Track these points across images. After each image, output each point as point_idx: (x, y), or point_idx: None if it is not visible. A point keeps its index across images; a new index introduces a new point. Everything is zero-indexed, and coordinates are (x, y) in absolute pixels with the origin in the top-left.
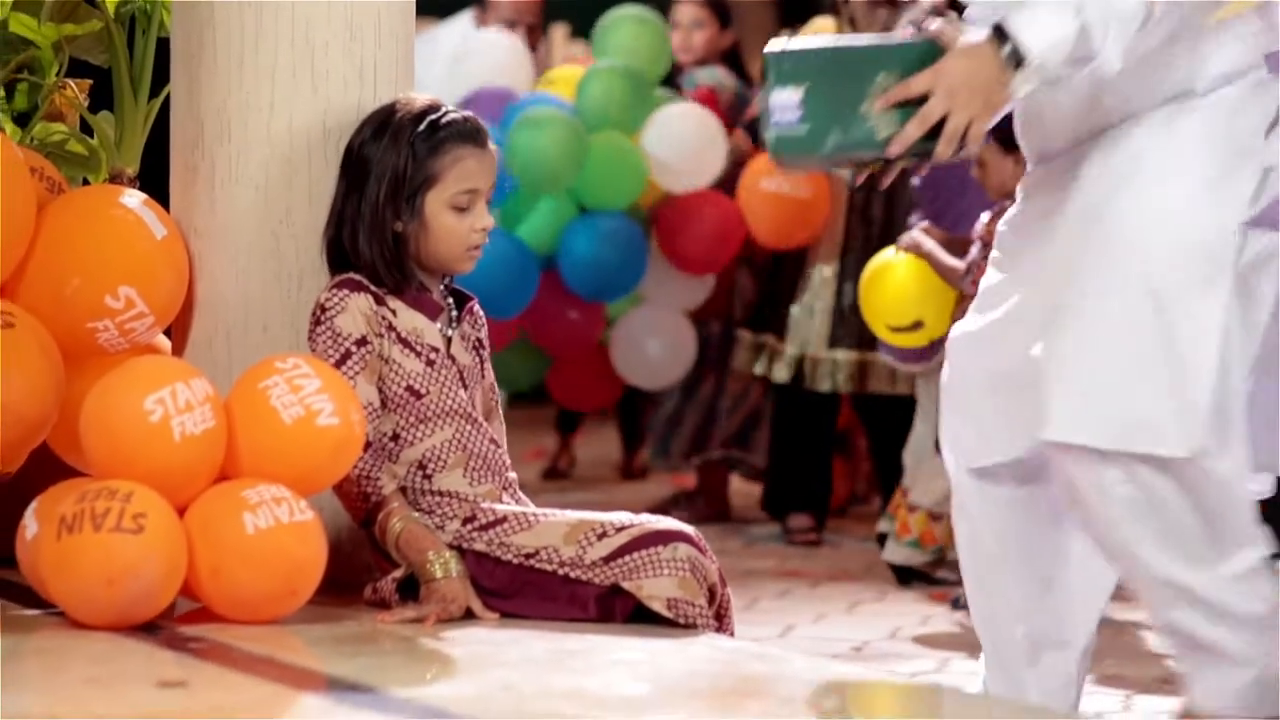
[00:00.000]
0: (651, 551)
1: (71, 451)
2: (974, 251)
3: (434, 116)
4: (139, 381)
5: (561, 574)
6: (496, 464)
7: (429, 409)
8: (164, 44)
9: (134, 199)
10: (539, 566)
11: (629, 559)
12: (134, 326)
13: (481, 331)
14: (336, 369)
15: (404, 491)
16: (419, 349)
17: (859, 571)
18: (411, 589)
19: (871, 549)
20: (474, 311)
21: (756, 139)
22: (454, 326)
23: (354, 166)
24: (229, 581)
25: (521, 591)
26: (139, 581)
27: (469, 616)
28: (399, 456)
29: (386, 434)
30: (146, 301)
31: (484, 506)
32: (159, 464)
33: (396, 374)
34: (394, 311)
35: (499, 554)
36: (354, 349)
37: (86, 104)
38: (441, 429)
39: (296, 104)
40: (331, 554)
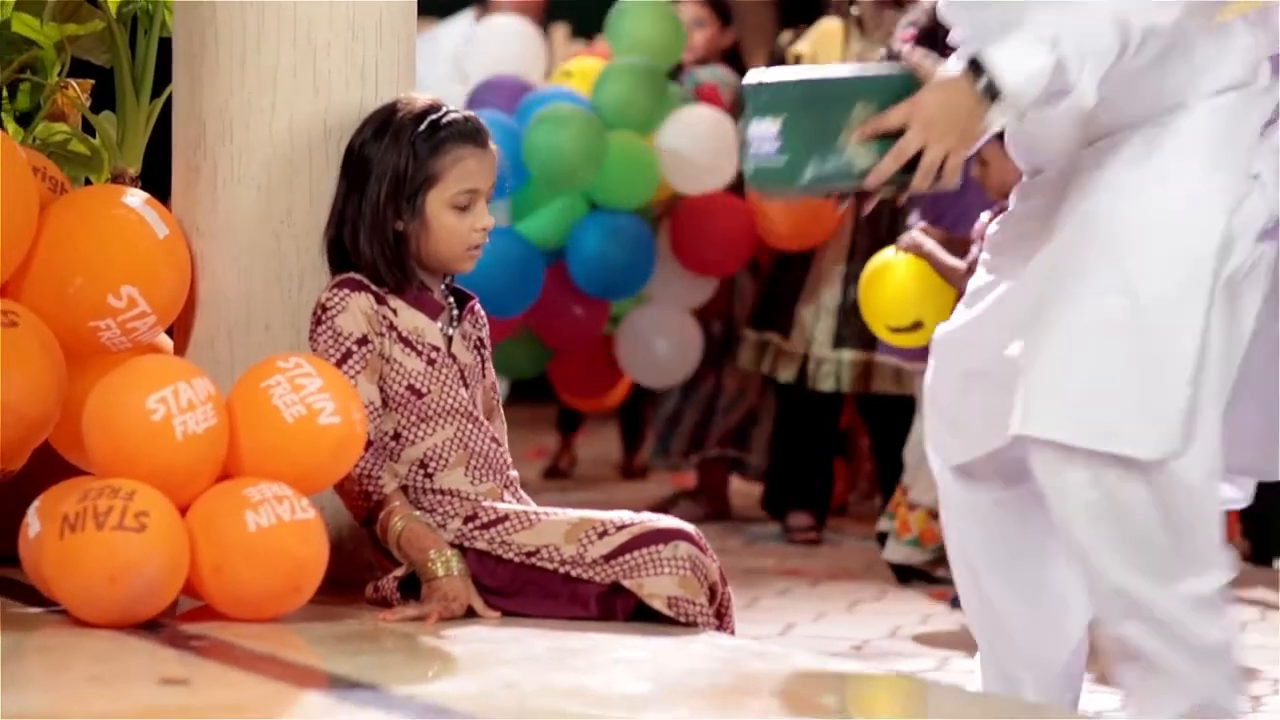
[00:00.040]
0: (652, 550)
1: (74, 450)
2: (975, 251)
3: (435, 116)
4: (141, 380)
5: (563, 572)
6: (498, 463)
7: (430, 408)
8: (166, 44)
9: (136, 198)
10: (540, 565)
11: (630, 557)
12: (136, 326)
13: (483, 331)
14: (337, 368)
15: (405, 490)
16: (420, 348)
17: (859, 570)
18: (413, 587)
19: (872, 548)
20: (475, 311)
21: None
22: (455, 325)
23: (355, 166)
24: (231, 580)
25: (523, 590)
26: (141, 579)
27: (470, 615)
28: (400, 455)
29: (388, 433)
30: (148, 301)
31: (485, 505)
32: (161, 462)
33: (398, 373)
34: (395, 311)
35: (500, 552)
36: (355, 348)
37: (89, 104)
38: (443, 428)
39: (298, 104)
40: (333, 552)
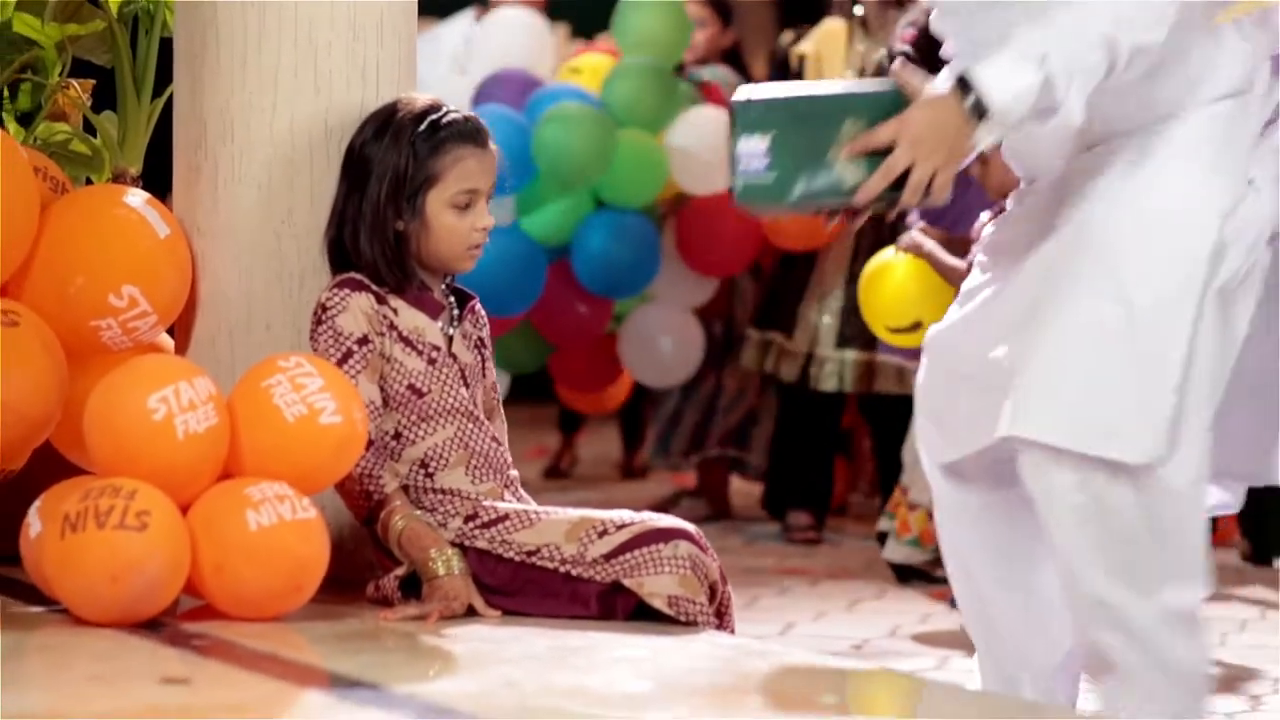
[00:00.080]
0: (652, 549)
1: (75, 449)
2: (975, 251)
3: (435, 116)
4: (142, 380)
5: (563, 571)
6: (498, 462)
7: (431, 407)
8: (167, 44)
9: (137, 198)
10: (540, 564)
11: (630, 556)
12: (137, 325)
13: (483, 330)
14: (338, 368)
15: (406, 489)
16: (420, 348)
17: (859, 569)
18: (414, 586)
19: (871, 547)
20: (475, 310)
21: None
22: (455, 325)
23: (355, 166)
24: (232, 579)
25: (523, 589)
26: (142, 579)
27: (471, 614)
28: (401, 455)
29: (388, 432)
30: (149, 300)
31: (486, 504)
32: (162, 462)
33: (398, 372)
34: (395, 310)
35: (501, 551)
36: (355, 348)
37: (89, 104)
38: (443, 427)
39: (299, 104)
40: (334, 551)
